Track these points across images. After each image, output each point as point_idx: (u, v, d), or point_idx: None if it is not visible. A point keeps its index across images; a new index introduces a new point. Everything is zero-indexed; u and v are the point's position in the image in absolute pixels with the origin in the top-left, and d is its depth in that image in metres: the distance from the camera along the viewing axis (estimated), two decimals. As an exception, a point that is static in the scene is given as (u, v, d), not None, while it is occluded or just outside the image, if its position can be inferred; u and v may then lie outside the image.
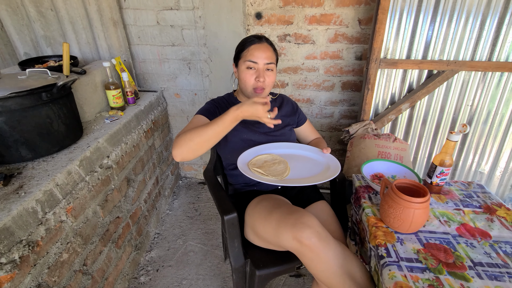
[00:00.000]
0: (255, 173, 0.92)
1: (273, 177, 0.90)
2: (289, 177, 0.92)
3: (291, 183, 0.88)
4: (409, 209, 0.75)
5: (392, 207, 0.78)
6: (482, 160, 1.56)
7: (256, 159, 1.00)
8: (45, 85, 0.93)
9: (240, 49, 1.02)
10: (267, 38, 1.02)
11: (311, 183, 0.88)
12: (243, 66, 0.99)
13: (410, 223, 0.77)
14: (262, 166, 0.96)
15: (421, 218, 0.77)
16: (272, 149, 1.06)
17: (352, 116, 1.78)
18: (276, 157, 1.02)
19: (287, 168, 0.96)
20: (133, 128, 1.42)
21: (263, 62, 0.97)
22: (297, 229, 0.82)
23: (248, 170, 0.93)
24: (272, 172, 0.92)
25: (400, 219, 0.77)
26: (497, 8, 1.26)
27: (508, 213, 0.89)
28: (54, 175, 0.91)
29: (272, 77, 1.00)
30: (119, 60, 1.52)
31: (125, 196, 1.35)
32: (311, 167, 0.99)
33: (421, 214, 0.76)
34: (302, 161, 1.03)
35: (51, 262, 0.88)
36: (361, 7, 1.47)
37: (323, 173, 0.95)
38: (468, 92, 1.42)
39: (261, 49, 0.97)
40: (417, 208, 0.75)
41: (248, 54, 0.98)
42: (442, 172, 0.93)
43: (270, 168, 0.95)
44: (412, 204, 0.75)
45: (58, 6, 1.55)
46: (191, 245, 1.63)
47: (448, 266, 0.71)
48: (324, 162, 1.02)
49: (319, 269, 0.81)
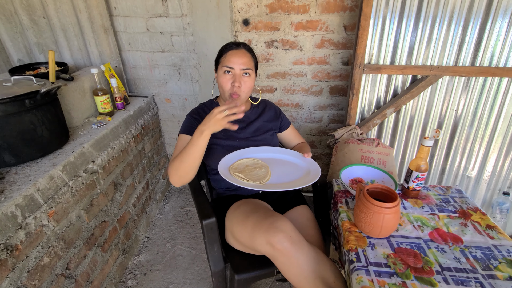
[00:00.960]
0: (235, 178, 0.93)
1: (254, 182, 0.90)
2: (270, 182, 0.93)
3: (271, 188, 0.89)
4: (379, 214, 0.76)
5: (364, 212, 0.79)
6: (469, 164, 1.56)
7: (238, 163, 1.00)
8: (28, 92, 0.96)
9: (219, 55, 1.04)
10: (245, 45, 1.05)
11: (291, 188, 0.89)
12: (220, 71, 1.02)
13: (381, 228, 0.77)
14: (244, 170, 0.96)
15: (391, 223, 0.77)
16: (254, 153, 1.07)
17: (340, 120, 1.79)
18: (258, 161, 1.03)
19: (268, 173, 0.97)
20: (121, 133, 1.44)
21: (239, 67, 0.99)
22: (270, 233, 0.83)
23: (229, 174, 0.94)
24: (253, 177, 0.93)
25: (371, 224, 0.78)
26: (479, 13, 1.27)
27: (483, 218, 0.89)
28: (35, 180, 0.93)
29: (248, 83, 1.02)
30: (108, 66, 1.55)
31: (112, 201, 1.36)
32: (292, 172, 1.00)
33: (391, 218, 0.76)
34: (284, 166, 1.03)
35: (31, 266, 0.90)
36: (346, 14, 1.49)
37: (303, 178, 0.96)
38: (453, 97, 1.43)
39: (238, 55, 0.99)
40: (387, 213, 0.76)
41: (226, 60, 1.00)
42: (418, 177, 0.94)
43: (251, 173, 0.95)
44: (382, 209, 0.76)
45: (50, 14, 1.58)
46: (179, 249, 1.64)
47: (416, 271, 0.72)
48: (305, 167, 1.03)
49: (292, 273, 0.82)
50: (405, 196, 1.00)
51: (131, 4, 1.61)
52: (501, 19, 1.26)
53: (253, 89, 1.09)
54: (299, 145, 1.23)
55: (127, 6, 1.61)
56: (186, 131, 1.05)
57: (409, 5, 1.30)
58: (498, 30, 1.28)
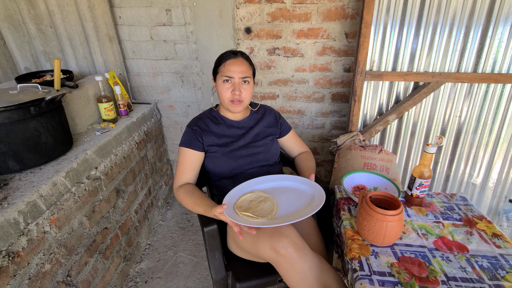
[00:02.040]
0: (244, 218, 0.88)
1: (263, 219, 0.86)
2: (278, 215, 0.89)
3: (281, 222, 0.83)
4: (382, 222, 0.75)
5: (366, 220, 0.78)
6: (474, 171, 1.54)
7: (241, 200, 0.95)
8: (34, 99, 0.97)
9: (217, 64, 1.05)
10: (242, 53, 1.05)
11: (301, 219, 0.83)
12: (220, 81, 1.03)
13: (384, 236, 0.76)
14: (249, 207, 0.91)
15: (395, 231, 0.76)
16: (254, 185, 1.03)
17: (343, 127, 1.79)
18: (261, 194, 0.98)
19: (274, 205, 0.93)
20: (124, 140, 1.45)
21: (238, 76, 1.00)
22: (274, 238, 0.82)
23: (237, 215, 0.89)
24: (260, 212, 0.89)
25: (374, 232, 0.77)
26: (480, 20, 1.28)
27: (489, 226, 0.88)
28: (38, 186, 0.94)
29: (248, 90, 1.03)
30: (112, 74, 1.57)
31: (114, 207, 1.36)
32: (297, 199, 0.95)
33: (394, 226, 0.75)
34: (287, 193, 0.99)
35: (32, 272, 0.90)
36: (347, 21, 1.51)
37: (309, 204, 0.92)
38: (456, 103, 1.43)
39: (236, 64, 1.00)
40: (390, 220, 0.75)
41: (225, 69, 1.01)
42: (422, 184, 0.93)
43: (257, 208, 0.91)
44: (385, 216, 0.75)
45: (57, 23, 1.62)
46: (181, 256, 1.63)
47: (420, 280, 0.70)
48: (309, 192, 0.98)
49: (295, 281, 0.81)
50: (408, 203, 0.98)
51: (136, 13, 1.64)
52: (502, 25, 1.26)
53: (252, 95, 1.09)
54: (302, 157, 1.20)
55: (131, 15, 1.65)
56: (186, 144, 1.06)
57: (410, 13, 1.31)
58: (500, 37, 1.28)
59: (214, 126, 1.10)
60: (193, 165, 1.07)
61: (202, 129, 1.08)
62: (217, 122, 1.11)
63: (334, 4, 1.48)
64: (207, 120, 1.11)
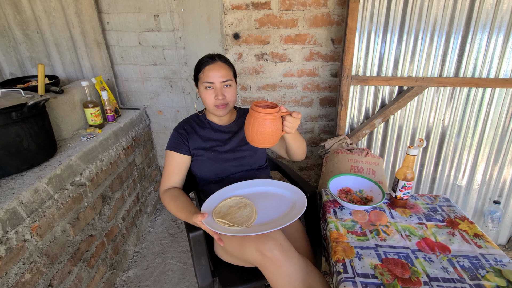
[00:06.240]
0: (220, 225, 0.86)
1: (240, 226, 0.85)
2: (256, 222, 0.88)
3: (257, 231, 0.82)
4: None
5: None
6: (459, 173, 1.57)
7: (221, 205, 0.95)
8: (16, 104, 0.96)
9: (197, 71, 1.04)
10: (220, 56, 1.04)
11: (277, 228, 0.82)
12: (202, 87, 1.02)
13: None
14: (227, 213, 0.90)
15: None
16: (236, 190, 1.02)
17: (331, 131, 1.81)
18: (241, 199, 0.97)
19: (253, 211, 0.91)
20: (111, 145, 1.44)
21: (219, 81, 0.99)
22: (261, 241, 0.82)
23: (213, 222, 0.87)
24: (238, 219, 0.88)
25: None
26: (460, 27, 1.32)
27: (471, 226, 0.89)
28: (19, 193, 0.91)
29: (231, 92, 1.03)
30: (100, 79, 1.56)
31: (100, 214, 1.34)
32: (278, 206, 0.95)
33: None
34: (268, 199, 0.98)
35: (11, 282, 0.87)
36: (333, 27, 1.54)
37: (289, 212, 0.90)
38: (439, 107, 1.46)
39: (215, 69, 0.99)
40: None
41: (204, 75, 1.00)
42: (405, 186, 0.94)
43: (235, 215, 0.90)
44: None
45: (43, 29, 1.61)
46: (170, 263, 1.60)
47: (403, 281, 0.71)
48: (290, 197, 0.98)
49: (281, 284, 0.81)
50: (393, 205, 0.99)
51: (124, 19, 1.64)
52: (481, 32, 1.31)
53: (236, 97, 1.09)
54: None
55: (119, 21, 1.65)
56: (172, 148, 1.06)
57: (392, 20, 1.35)
58: (479, 43, 1.33)
59: (201, 130, 1.10)
60: (179, 169, 1.06)
61: (189, 132, 1.08)
62: (204, 126, 1.11)
63: (320, 11, 1.51)
64: (194, 124, 1.11)
